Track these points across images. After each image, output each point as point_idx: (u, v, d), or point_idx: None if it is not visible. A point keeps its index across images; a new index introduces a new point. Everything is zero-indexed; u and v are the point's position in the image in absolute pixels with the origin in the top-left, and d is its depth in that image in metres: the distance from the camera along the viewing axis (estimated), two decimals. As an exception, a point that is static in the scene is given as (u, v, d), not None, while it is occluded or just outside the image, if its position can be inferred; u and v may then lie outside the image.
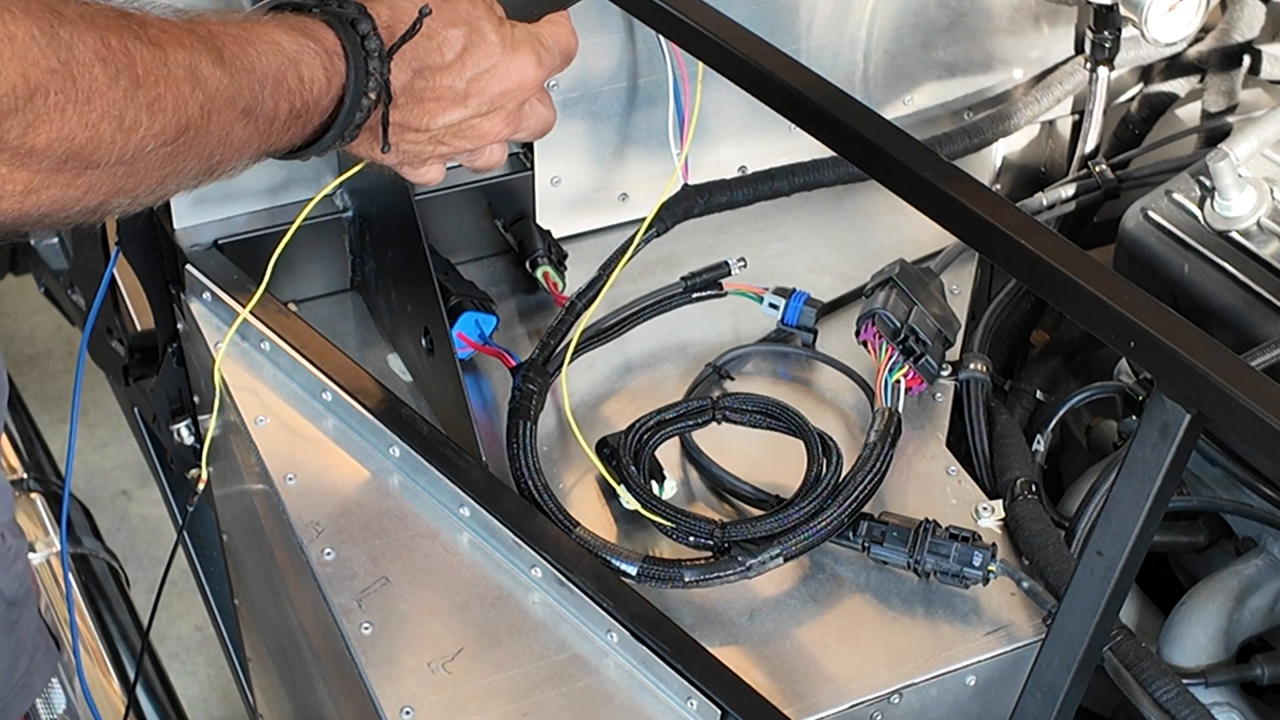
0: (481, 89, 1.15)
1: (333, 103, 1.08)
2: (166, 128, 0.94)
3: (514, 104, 1.17)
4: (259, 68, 1.02)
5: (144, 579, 2.39)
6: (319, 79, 1.06)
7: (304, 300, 1.45)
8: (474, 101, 1.14)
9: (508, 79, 1.15)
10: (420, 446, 1.28)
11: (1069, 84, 1.66)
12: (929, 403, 1.37)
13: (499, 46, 1.15)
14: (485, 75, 1.14)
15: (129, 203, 0.97)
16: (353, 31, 1.08)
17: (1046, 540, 1.23)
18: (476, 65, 1.14)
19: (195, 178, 1.01)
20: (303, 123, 1.07)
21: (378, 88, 1.09)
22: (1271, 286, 1.34)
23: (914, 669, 1.18)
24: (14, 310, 3.13)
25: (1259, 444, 0.94)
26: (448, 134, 1.15)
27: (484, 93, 1.15)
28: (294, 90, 1.04)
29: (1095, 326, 1.02)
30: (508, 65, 1.15)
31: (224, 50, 0.99)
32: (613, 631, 1.18)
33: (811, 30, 1.54)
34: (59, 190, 0.91)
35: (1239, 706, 1.29)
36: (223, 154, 1.01)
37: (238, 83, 1.00)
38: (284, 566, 1.34)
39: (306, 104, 1.06)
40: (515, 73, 1.15)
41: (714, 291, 1.40)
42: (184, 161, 0.98)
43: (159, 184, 0.98)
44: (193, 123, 0.96)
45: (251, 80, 1.01)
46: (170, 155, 0.96)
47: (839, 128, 1.15)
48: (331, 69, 1.07)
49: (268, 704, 1.75)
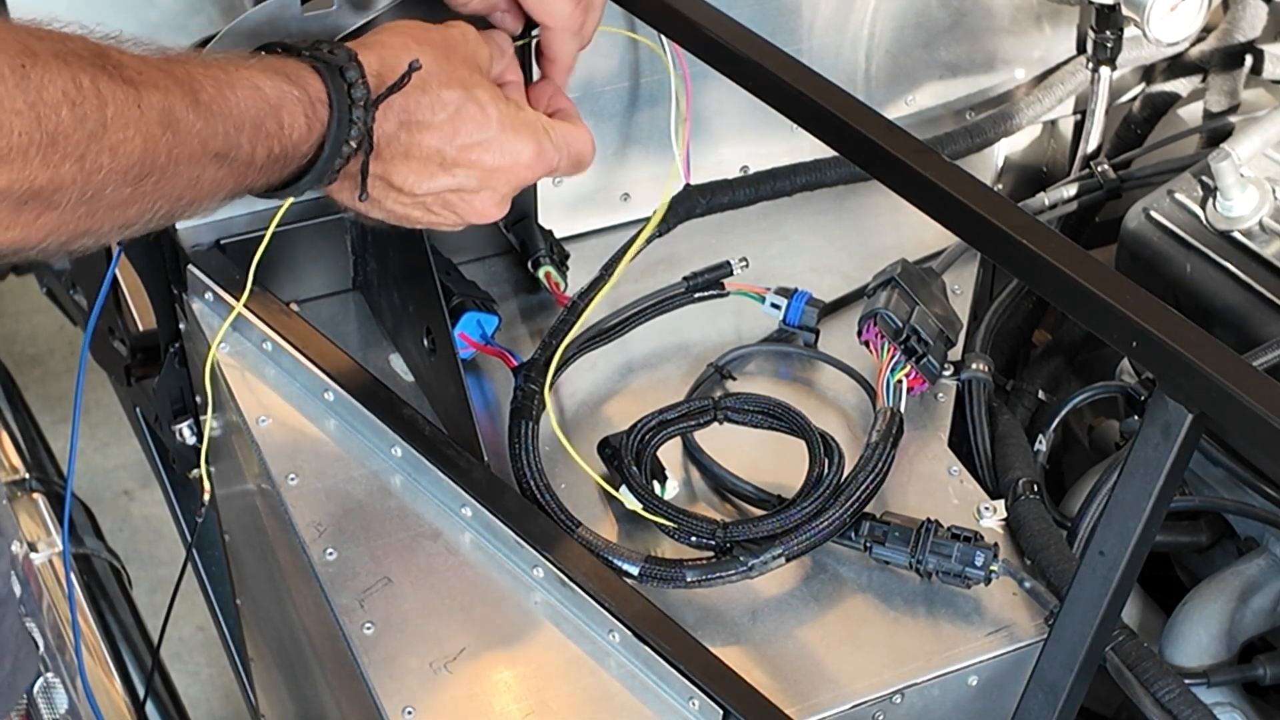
0: (471, 161, 1.12)
1: (313, 148, 1.07)
2: (131, 170, 0.92)
3: (505, 186, 1.14)
4: (236, 112, 1.00)
5: (146, 579, 2.39)
6: (299, 125, 1.04)
7: (306, 300, 1.44)
8: (462, 172, 1.12)
9: (501, 156, 1.12)
10: (422, 446, 1.28)
11: (1071, 84, 1.66)
12: (931, 403, 1.37)
13: (497, 121, 1.12)
14: (477, 147, 1.12)
15: (93, 241, 0.95)
16: (340, 79, 1.06)
17: (1048, 540, 1.23)
18: (469, 134, 1.11)
19: (165, 217, 0.99)
20: (281, 166, 1.05)
21: (359, 135, 1.07)
22: (1273, 286, 1.34)
23: (916, 669, 1.18)
24: (16, 310, 3.13)
25: (1261, 444, 0.94)
26: (434, 201, 1.13)
27: (473, 165, 1.12)
28: (273, 135, 1.03)
29: (1097, 326, 1.02)
30: (503, 143, 1.12)
31: (201, 93, 0.98)
32: (614, 631, 1.18)
33: (813, 30, 1.54)
34: (20, 230, 0.90)
35: (1241, 706, 1.29)
36: (194, 195, 1.00)
37: (213, 127, 0.98)
38: (286, 566, 1.34)
39: (285, 149, 1.04)
40: (510, 152, 1.13)
41: (716, 291, 1.40)
42: (150, 202, 0.96)
43: (125, 223, 0.96)
44: (160, 166, 0.94)
45: (228, 125, 0.99)
46: (134, 196, 0.94)
47: (841, 127, 1.15)
48: (313, 115, 1.05)
49: (269, 704, 1.75)
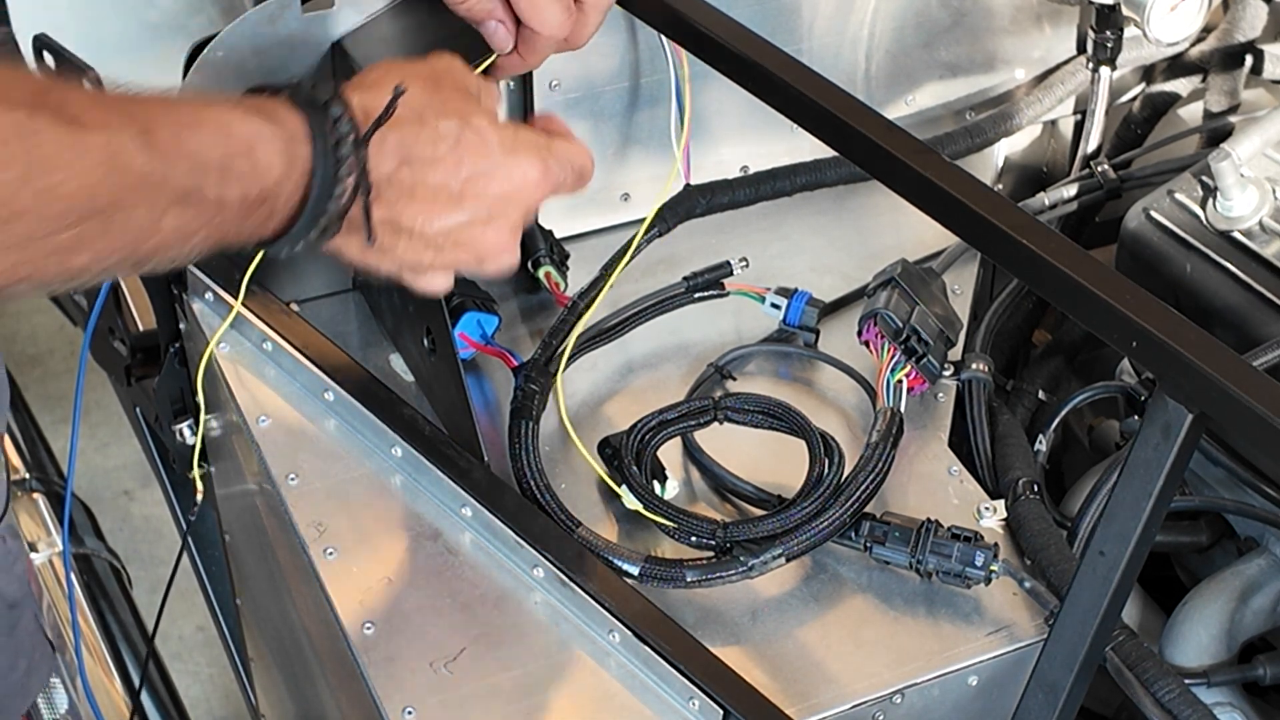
0: (479, 191, 1.05)
1: (298, 189, 0.99)
2: (67, 214, 0.85)
3: (517, 213, 1.07)
4: (200, 153, 0.93)
5: (146, 579, 2.39)
6: (276, 164, 0.97)
7: (306, 300, 1.44)
8: (470, 205, 1.05)
9: (508, 182, 1.06)
10: (422, 446, 1.28)
11: (1071, 84, 1.66)
12: (931, 403, 1.37)
13: (498, 147, 1.06)
14: (482, 177, 1.05)
15: (35, 287, 0.88)
16: (321, 114, 0.99)
17: (1048, 540, 1.23)
18: (473, 165, 1.04)
19: (130, 265, 0.92)
20: (266, 211, 0.98)
21: (352, 174, 1.00)
22: (1273, 286, 1.34)
23: (916, 669, 1.18)
24: (16, 310, 3.13)
25: (1261, 444, 0.94)
26: (446, 241, 1.05)
27: (481, 195, 1.05)
28: (245, 176, 0.95)
29: (1097, 327, 1.02)
30: (508, 168, 1.06)
31: (156, 133, 0.90)
32: (615, 631, 1.17)
33: (813, 30, 1.54)
34: None
35: (1241, 707, 1.29)
36: (157, 242, 0.92)
37: (170, 168, 0.91)
38: (286, 566, 1.34)
39: (264, 191, 0.97)
40: (517, 176, 1.06)
41: (716, 291, 1.40)
42: (100, 248, 0.89)
43: (72, 271, 0.88)
44: (101, 209, 0.87)
45: (189, 165, 0.92)
46: (76, 242, 0.87)
47: (841, 127, 1.15)
48: (292, 154, 0.98)
49: (270, 704, 1.75)
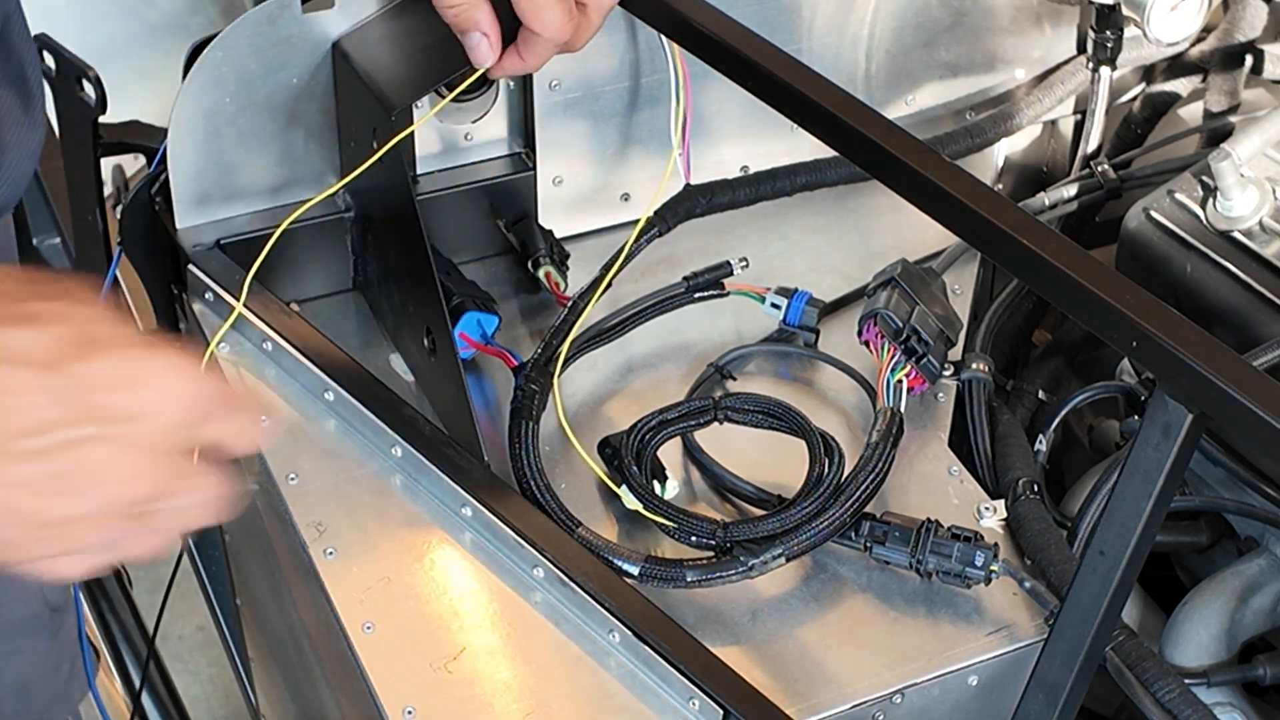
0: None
1: None
2: None
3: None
4: None
5: (146, 579, 2.39)
6: None
7: (306, 300, 1.44)
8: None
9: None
10: (422, 446, 1.28)
11: (1071, 84, 1.66)
12: (931, 403, 1.37)
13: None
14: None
15: None
16: None
17: (1048, 540, 1.23)
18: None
19: None
20: None
21: None
22: (1274, 286, 1.34)
23: (916, 669, 1.18)
24: (16, 310, 3.13)
25: (1261, 444, 0.94)
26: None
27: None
28: None
29: (1097, 326, 1.02)
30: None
31: None
32: (614, 631, 1.17)
33: (813, 30, 1.54)
34: None
35: (1241, 707, 1.29)
36: None
37: None
38: (286, 566, 1.34)
39: None
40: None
41: (716, 291, 1.40)
42: None
43: None
44: None
45: None
46: None
47: (841, 127, 1.15)
48: None
49: (270, 703, 1.75)
